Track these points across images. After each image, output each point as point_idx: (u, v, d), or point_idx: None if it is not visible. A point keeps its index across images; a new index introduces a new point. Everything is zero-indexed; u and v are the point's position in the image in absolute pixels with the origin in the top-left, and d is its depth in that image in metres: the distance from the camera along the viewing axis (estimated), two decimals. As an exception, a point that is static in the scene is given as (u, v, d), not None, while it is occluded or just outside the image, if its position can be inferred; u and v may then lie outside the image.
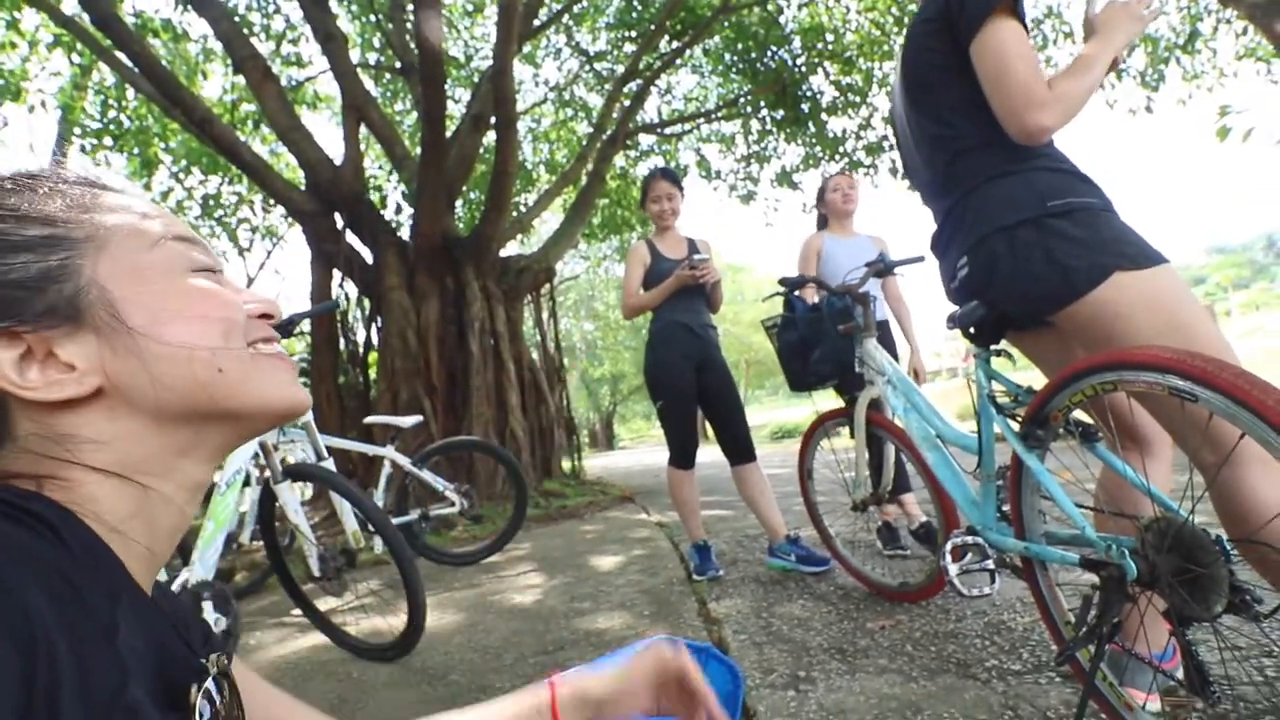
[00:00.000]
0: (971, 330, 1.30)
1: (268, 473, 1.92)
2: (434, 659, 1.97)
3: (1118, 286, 1.06)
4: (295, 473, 1.89)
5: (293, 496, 1.88)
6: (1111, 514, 1.13)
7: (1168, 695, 1.20)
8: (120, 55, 5.35)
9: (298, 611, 2.25)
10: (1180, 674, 0.99)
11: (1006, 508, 1.38)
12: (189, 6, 5.51)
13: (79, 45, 6.60)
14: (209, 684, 0.44)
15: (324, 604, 2.30)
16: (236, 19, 6.50)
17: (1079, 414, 1.15)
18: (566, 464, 7.53)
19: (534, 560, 3.43)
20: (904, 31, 7.72)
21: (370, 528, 2.01)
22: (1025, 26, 1.16)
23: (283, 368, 0.49)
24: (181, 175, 9.43)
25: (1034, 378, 1.38)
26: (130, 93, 7.63)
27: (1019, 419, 1.25)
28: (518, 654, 1.93)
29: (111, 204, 0.45)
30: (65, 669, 0.31)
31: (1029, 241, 1.11)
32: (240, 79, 6.75)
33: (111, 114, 7.96)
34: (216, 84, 9.39)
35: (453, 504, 3.40)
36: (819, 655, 1.66)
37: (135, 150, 8.01)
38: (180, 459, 0.45)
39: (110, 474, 0.41)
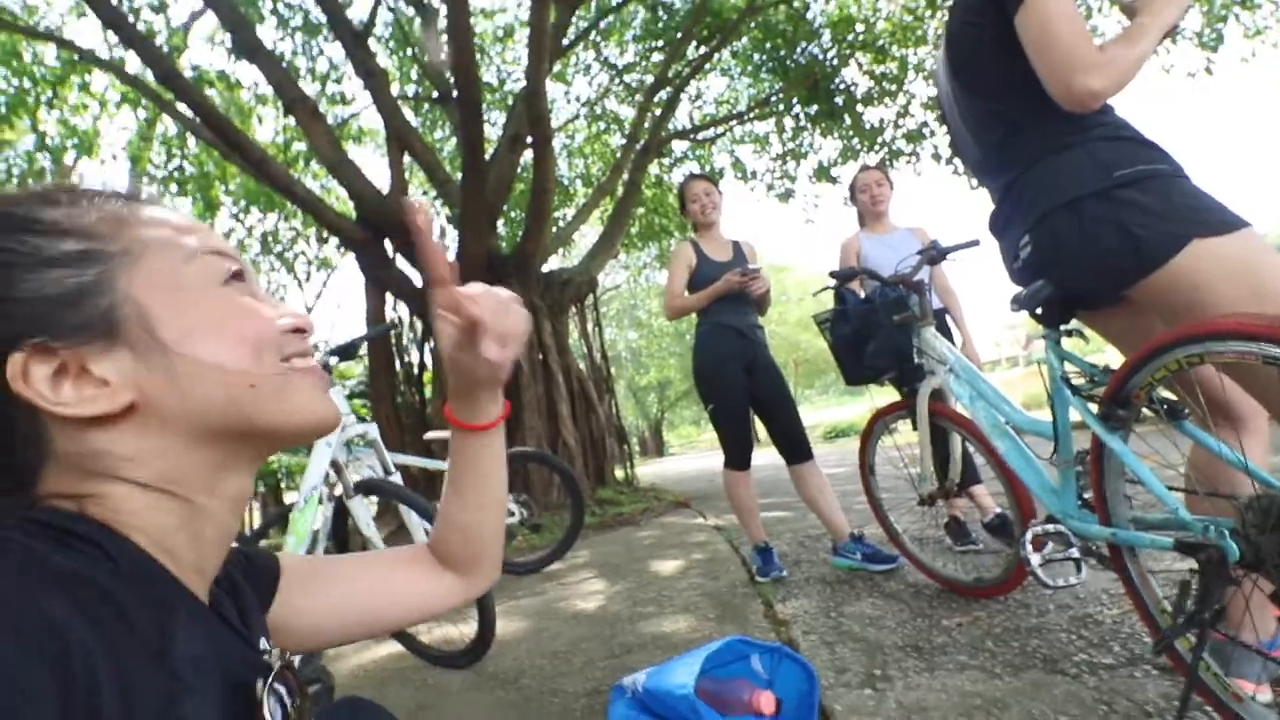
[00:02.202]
0: (1039, 311, 1.26)
1: (339, 489, 2.01)
2: (505, 664, 2.01)
3: (1196, 255, 1.01)
4: (366, 488, 1.97)
5: (365, 511, 1.95)
6: (1206, 494, 1.07)
7: (1278, 685, 1.12)
8: (181, 106, 5.73)
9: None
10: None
11: (1088, 495, 1.33)
12: (241, 58, 5.83)
13: (143, 100, 7.10)
14: (274, 680, 0.44)
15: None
16: (284, 64, 6.87)
17: (1163, 391, 1.10)
18: (619, 472, 7.58)
19: (594, 567, 3.46)
20: (938, 13, 7.54)
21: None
22: (1074, -7, 1.12)
23: (315, 383, 0.48)
24: (241, 215, 10.00)
25: (1107, 358, 1.33)
26: (191, 140, 8.15)
27: (1097, 400, 1.20)
28: (586, 658, 1.95)
29: (147, 217, 0.45)
30: (106, 692, 0.31)
31: (1097, 215, 1.07)
32: (290, 120, 7.13)
33: (175, 161, 8.51)
34: (269, 126, 9.92)
35: (512, 514, 3.46)
36: (894, 653, 1.62)
37: (198, 195, 8.52)
38: (218, 471, 0.45)
39: (150, 488, 0.41)
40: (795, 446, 2.57)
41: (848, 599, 2.14)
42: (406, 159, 7.28)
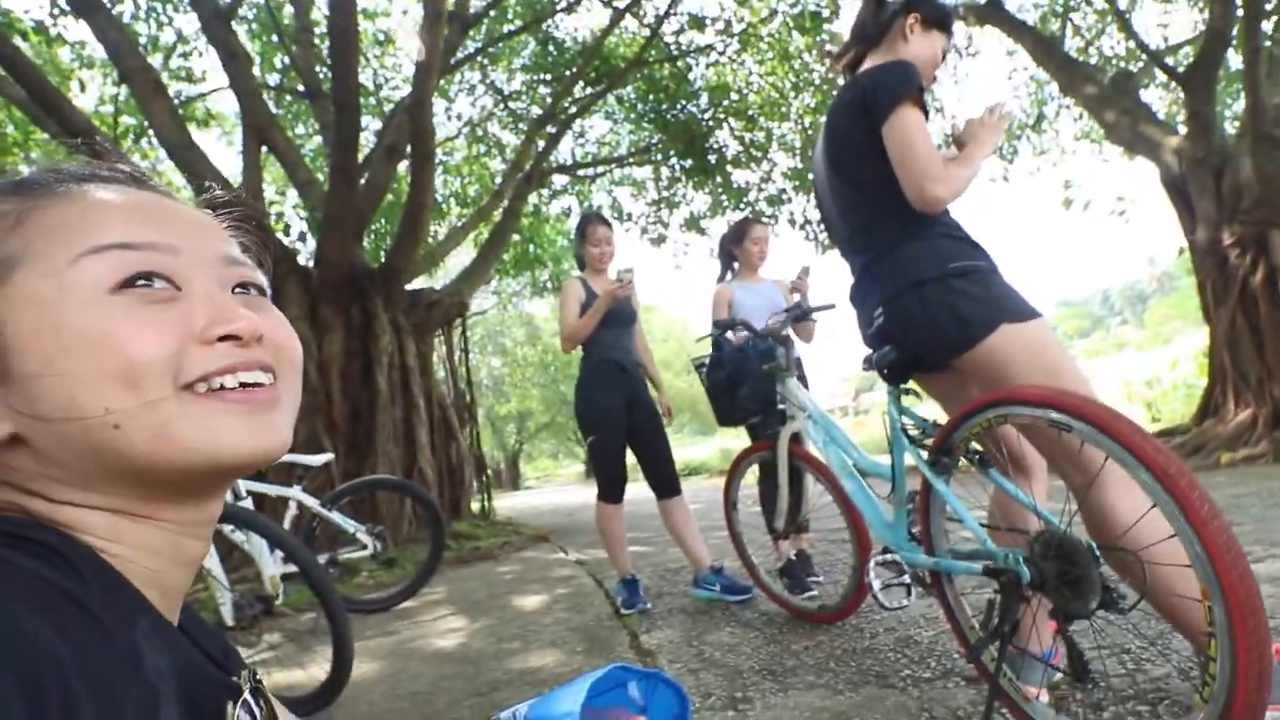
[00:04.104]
0: (886, 370, 1.48)
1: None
2: (359, 709, 1.87)
3: (1004, 336, 1.27)
4: (211, 515, 1.76)
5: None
6: (1006, 529, 1.31)
7: (1053, 689, 1.39)
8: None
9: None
10: (1064, 667, 1.16)
11: (916, 529, 1.56)
12: (74, 13, 5.07)
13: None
14: (246, 698, 0.42)
15: (226, 660, 2.11)
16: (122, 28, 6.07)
17: (975, 444, 1.34)
18: (475, 505, 7.30)
19: (452, 604, 3.31)
20: (801, 96, 8.46)
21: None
22: (927, 115, 1.38)
23: (235, 408, 0.40)
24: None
25: (935, 413, 1.58)
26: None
27: (926, 448, 1.43)
28: (450, 698, 1.87)
29: (57, 207, 0.39)
30: (83, 701, 0.30)
31: (935, 297, 1.31)
32: (120, 90, 6.26)
33: (-40, 117, 7.07)
34: (92, 94, 8.61)
35: (364, 547, 3.23)
36: (752, 677, 1.75)
37: (-12, 159, 7.13)
38: (144, 502, 0.40)
39: (73, 505, 0.38)
40: (667, 482, 2.69)
41: (708, 628, 2.27)
42: (263, 151, 6.68)
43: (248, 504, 1.92)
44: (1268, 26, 5.20)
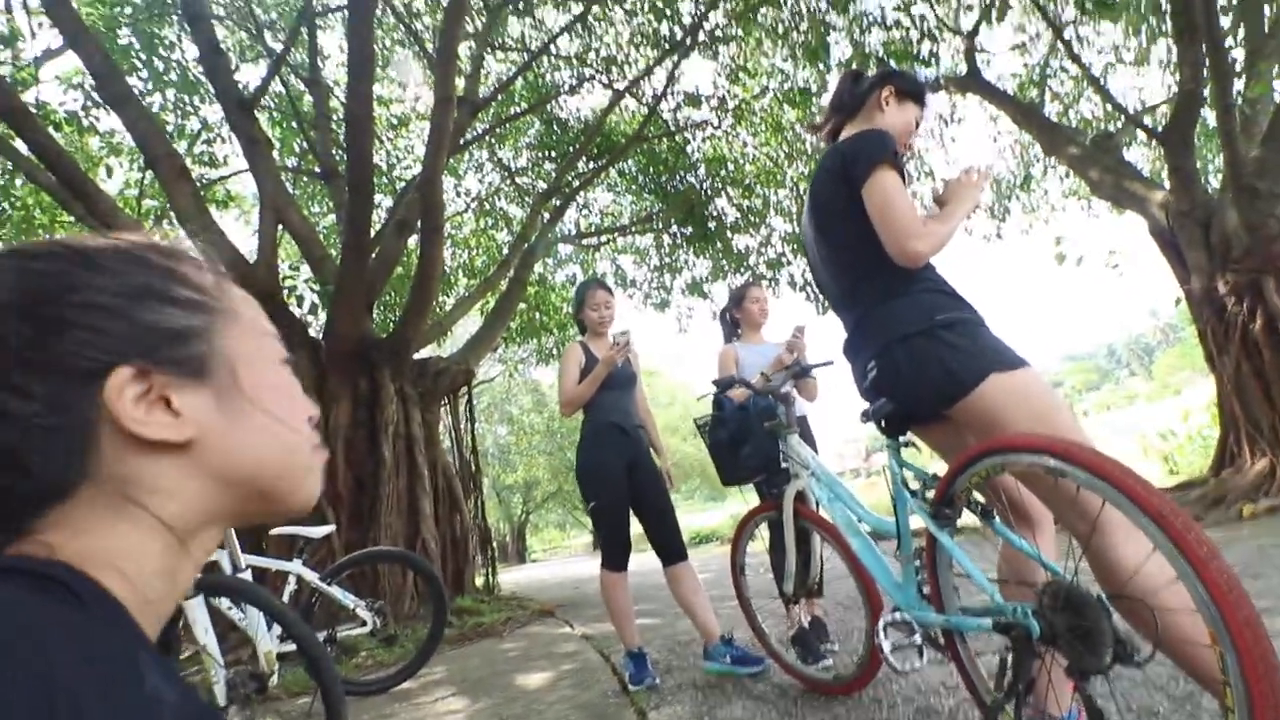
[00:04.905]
0: (883, 423, 1.49)
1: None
2: (351, 797, 1.78)
3: (994, 385, 1.28)
4: (212, 586, 1.73)
5: (203, 614, 1.70)
6: (1014, 583, 1.28)
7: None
8: (17, 143, 5.14)
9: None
10: (1086, 729, 1.11)
11: (926, 589, 1.52)
12: (105, 105, 5.41)
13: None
14: None
15: (216, 745, 2.02)
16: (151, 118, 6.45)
17: (977, 495, 1.33)
18: (479, 579, 7.09)
19: (453, 684, 3.18)
20: (795, 164, 8.81)
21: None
22: (903, 177, 1.45)
23: (322, 473, 0.53)
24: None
25: (936, 467, 1.57)
26: (18, 181, 7.22)
27: (929, 502, 1.42)
28: (448, 783, 1.78)
29: (236, 292, 0.52)
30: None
31: (924, 349, 1.33)
32: (148, 175, 6.59)
33: (-8, 200, 7.42)
34: (118, 179, 9.06)
35: (364, 623, 3.14)
36: (765, 753, 1.66)
37: (16, 240, 7.44)
38: (217, 520, 0.48)
39: (161, 524, 0.43)
40: (672, 548, 2.63)
41: (719, 703, 2.17)
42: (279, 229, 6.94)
43: (248, 576, 1.89)
44: (1239, 84, 5.44)
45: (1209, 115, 6.89)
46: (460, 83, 7.22)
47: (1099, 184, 6.73)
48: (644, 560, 2.73)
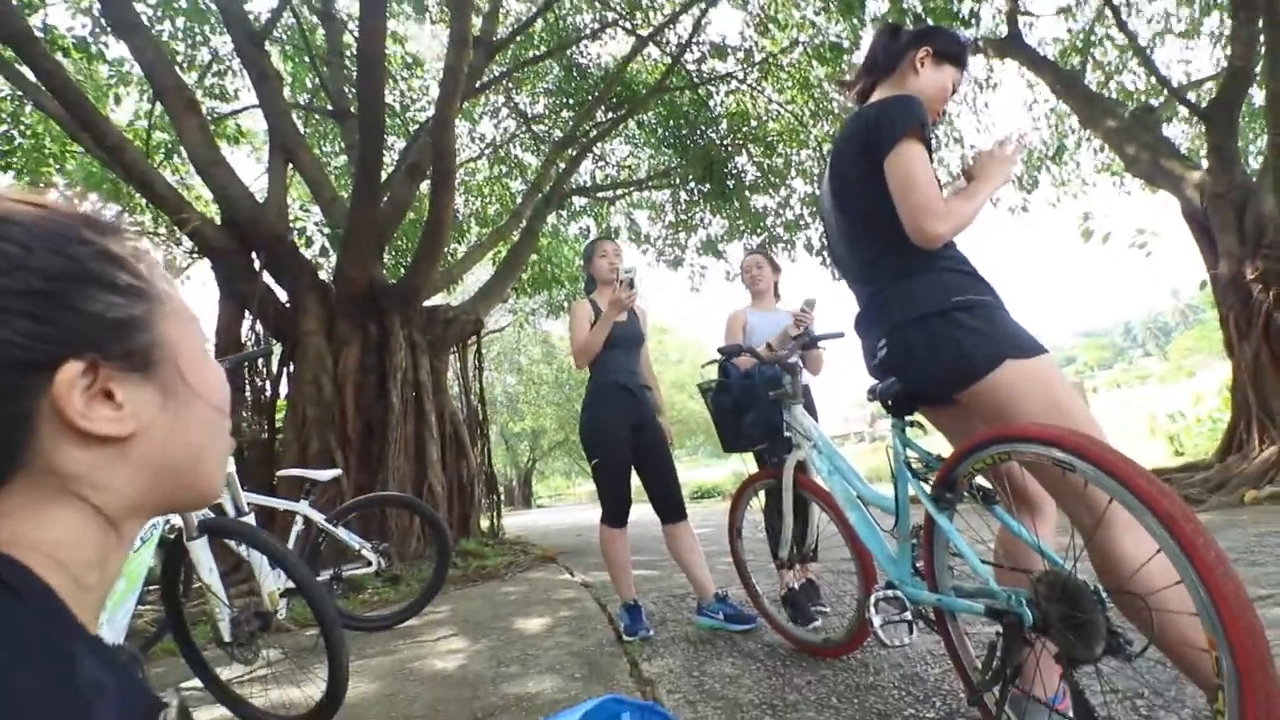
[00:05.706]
0: (889, 402, 1.47)
1: (180, 528, 1.79)
2: (353, 731, 1.86)
3: (1009, 371, 1.25)
4: (215, 528, 1.77)
5: (207, 555, 1.75)
6: (1009, 568, 1.28)
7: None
8: (24, 70, 5.05)
9: (194, 682, 2.06)
10: (1071, 714, 1.12)
11: (920, 565, 1.52)
12: (112, 33, 5.28)
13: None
14: (173, 715, 0.44)
15: (226, 672, 2.12)
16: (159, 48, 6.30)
17: (980, 479, 1.32)
18: (485, 523, 7.28)
19: (454, 624, 3.29)
20: (820, 123, 8.52)
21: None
22: (930, 150, 1.38)
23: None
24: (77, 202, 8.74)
25: (940, 447, 1.56)
26: (27, 108, 7.13)
27: (930, 482, 1.41)
28: (445, 722, 1.86)
29: (158, 269, 0.48)
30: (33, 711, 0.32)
31: (939, 331, 1.30)
32: (157, 107, 6.48)
33: (2, 128, 7.36)
34: (127, 109, 8.92)
35: (369, 563, 3.24)
36: (751, 711, 1.71)
37: (25, 171, 7.40)
38: (143, 513, 0.47)
39: (100, 515, 0.43)
40: (672, 506, 2.67)
41: (710, 658, 2.23)
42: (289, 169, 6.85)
43: (250, 519, 1.93)
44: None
45: (1256, 95, 6.56)
46: (477, 22, 6.97)
47: (1135, 160, 6.48)
48: (644, 511, 2.77)
